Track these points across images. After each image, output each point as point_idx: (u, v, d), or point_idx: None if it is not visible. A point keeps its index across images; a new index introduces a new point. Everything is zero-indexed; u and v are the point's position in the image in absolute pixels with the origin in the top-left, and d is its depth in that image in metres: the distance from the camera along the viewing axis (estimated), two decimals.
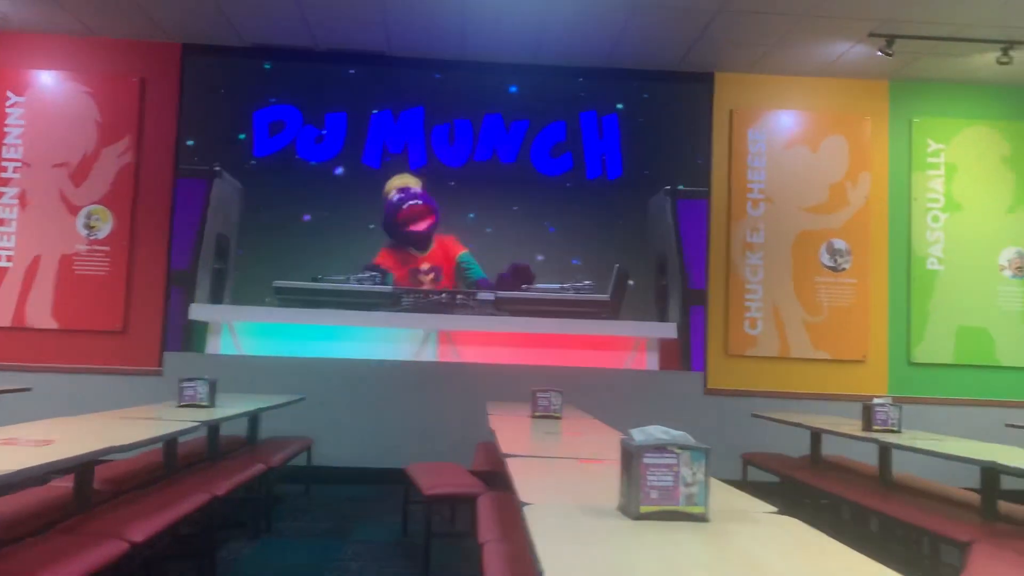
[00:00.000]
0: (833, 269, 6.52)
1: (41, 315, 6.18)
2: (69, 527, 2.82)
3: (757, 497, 1.99)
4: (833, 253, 6.53)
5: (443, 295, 6.39)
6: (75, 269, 6.23)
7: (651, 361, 6.44)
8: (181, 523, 3.23)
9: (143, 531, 2.83)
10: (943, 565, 3.94)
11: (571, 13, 5.57)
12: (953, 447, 3.57)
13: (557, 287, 6.45)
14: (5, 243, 6.22)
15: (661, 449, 1.68)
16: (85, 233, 6.27)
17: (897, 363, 6.48)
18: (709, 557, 1.46)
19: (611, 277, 6.46)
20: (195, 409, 4.15)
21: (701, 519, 1.69)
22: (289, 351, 6.30)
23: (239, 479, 4.03)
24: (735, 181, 6.58)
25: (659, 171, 6.56)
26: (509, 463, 2.48)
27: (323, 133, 6.46)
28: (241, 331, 6.32)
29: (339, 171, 6.45)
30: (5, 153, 6.26)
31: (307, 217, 6.40)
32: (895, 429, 4.23)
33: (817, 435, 5.24)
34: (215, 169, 6.38)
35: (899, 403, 4.35)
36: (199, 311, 6.30)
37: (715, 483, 1.85)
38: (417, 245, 6.43)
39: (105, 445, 2.68)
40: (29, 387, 5.54)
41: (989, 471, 3.52)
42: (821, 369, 6.46)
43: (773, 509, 1.87)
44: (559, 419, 4.26)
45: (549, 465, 2.54)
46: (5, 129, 6.28)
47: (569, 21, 5.71)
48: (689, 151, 6.60)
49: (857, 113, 6.64)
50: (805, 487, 4.71)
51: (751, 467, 5.51)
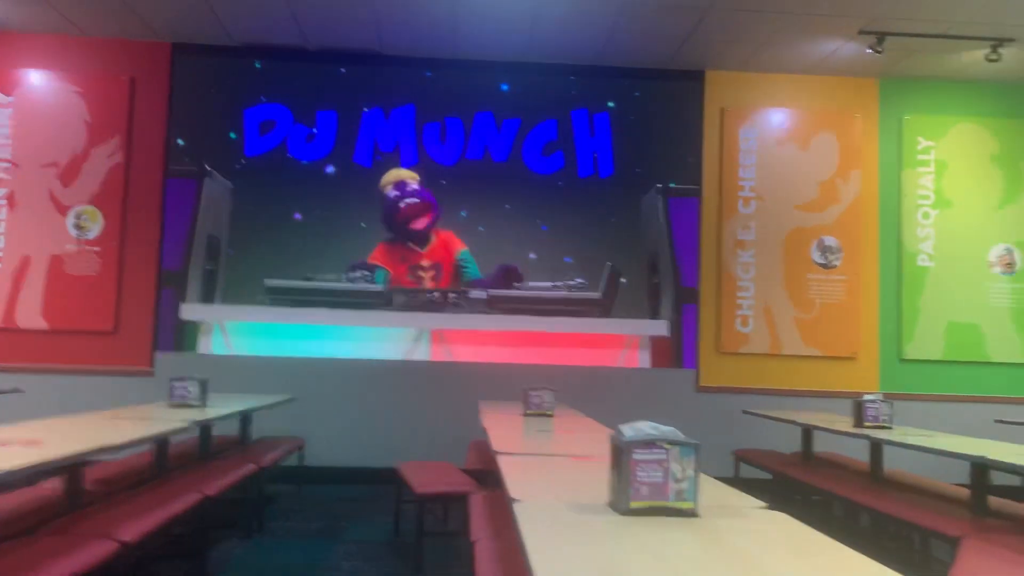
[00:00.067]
0: (824, 266, 6.54)
1: (31, 316, 6.15)
2: (59, 527, 2.81)
3: (749, 494, 2.00)
4: (824, 250, 6.55)
5: (435, 294, 6.38)
6: (65, 269, 6.20)
7: (643, 359, 6.45)
8: (172, 523, 3.22)
9: (134, 531, 2.82)
10: (934, 560, 3.97)
11: (562, 11, 5.57)
12: (943, 443, 3.59)
13: (549, 285, 6.45)
14: None
15: (650, 445, 1.68)
16: (75, 233, 6.24)
17: (888, 359, 6.50)
18: (699, 552, 1.46)
19: (603, 275, 6.47)
20: (186, 409, 4.14)
21: (691, 514, 1.69)
22: (280, 351, 6.29)
23: (231, 479, 4.03)
24: (726, 179, 6.59)
25: (651, 169, 6.57)
26: (500, 461, 2.48)
27: (314, 132, 6.44)
28: (232, 331, 6.30)
29: (330, 170, 6.43)
30: None
31: (298, 216, 6.39)
32: (886, 425, 4.26)
33: (808, 432, 5.26)
34: (206, 168, 6.36)
35: (890, 399, 4.38)
36: (190, 311, 6.28)
37: (705, 479, 1.86)
38: (417, 241, 6.42)
39: (95, 445, 2.67)
40: (20, 388, 5.51)
41: (979, 467, 3.54)
42: (812, 366, 6.48)
43: (763, 504, 1.87)
44: (551, 417, 4.26)
45: (540, 462, 2.54)
46: None
47: (560, 19, 5.71)
48: (680, 149, 6.61)
49: (847, 111, 6.66)
50: (797, 483, 4.73)
51: (743, 464, 5.53)
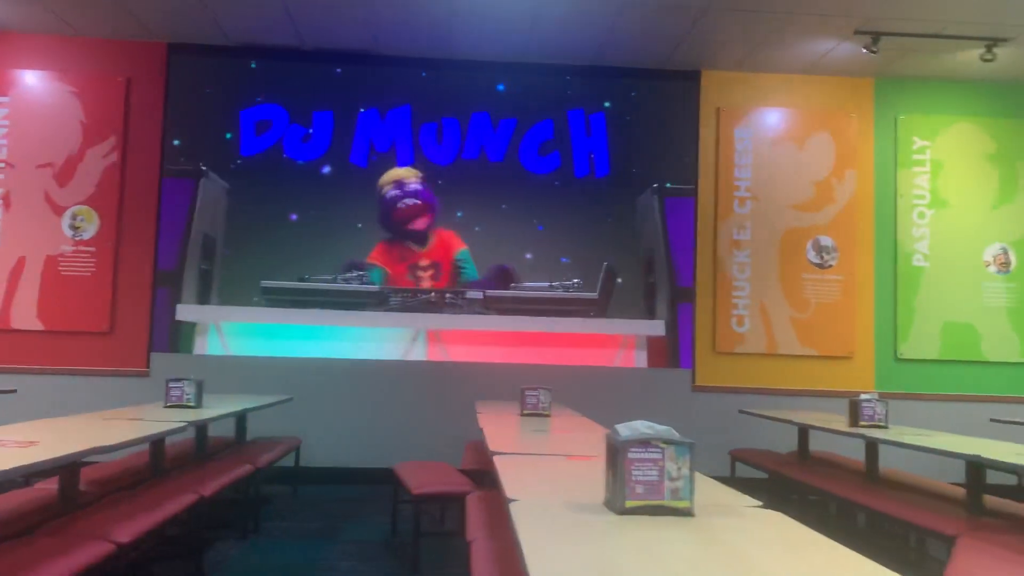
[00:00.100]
0: (819, 266, 6.55)
1: (26, 316, 6.13)
2: (54, 528, 2.80)
3: (745, 493, 2.00)
4: (819, 250, 6.56)
5: (432, 294, 6.38)
6: (60, 270, 6.19)
7: (639, 359, 6.45)
8: (168, 524, 3.22)
9: (129, 532, 2.82)
10: (929, 559, 3.98)
11: (558, 11, 5.57)
12: (939, 442, 3.60)
13: (546, 285, 6.45)
14: None
15: (646, 444, 1.69)
16: (70, 234, 6.23)
17: (883, 359, 6.51)
18: (694, 551, 1.46)
19: (599, 275, 6.47)
20: (182, 410, 4.13)
21: (686, 513, 1.69)
22: (277, 351, 6.28)
23: (227, 480, 4.02)
24: (722, 179, 6.60)
25: (647, 169, 6.57)
26: (497, 461, 2.48)
27: (310, 132, 6.43)
28: (228, 331, 6.29)
29: (326, 170, 6.43)
30: None
31: (294, 216, 6.38)
32: (882, 424, 4.27)
33: (804, 431, 5.26)
34: (201, 169, 6.35)
35: (886, 399, 4.39)
36: (186, 311, 6.27)
37: (700, 478, 1.86)
38: (416, 241, 6.41)
39: (90, 446, 2.66)
40: (14, 388, 5.50)
41: (975, 466, 3.54)
42: (808, 365, 6.48)
43: (758, 503, 1.87)
44: (548, 417, 4.26)
45: (537, 462, 2.54)
46: None
47: (556, 19, 5.71)
48: (676, 149, 6.61)
49: (843, 110, 6.67)
50: (793, 483, 4.73)
51: (739, 463, 5.53)
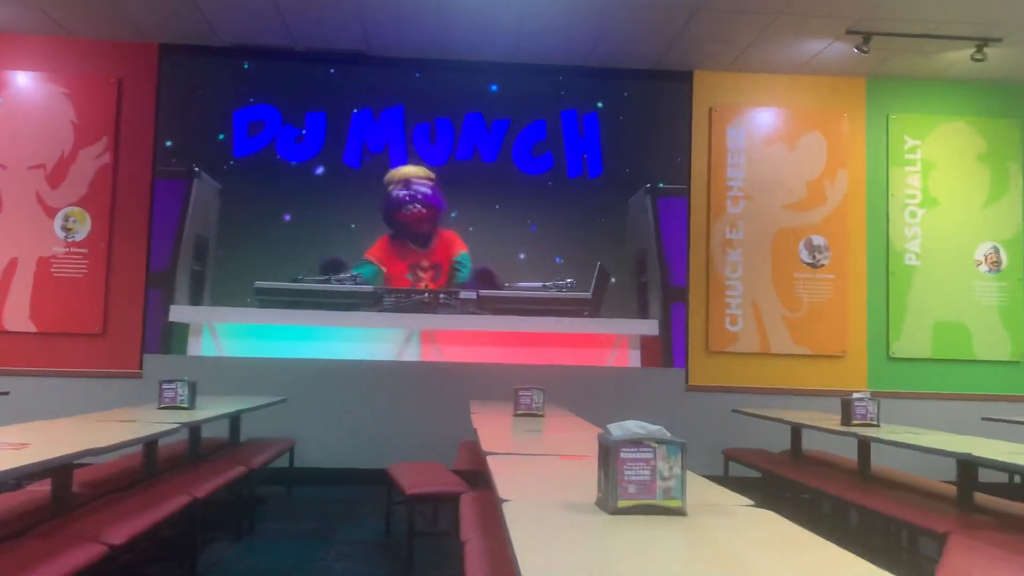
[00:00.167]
0: (812, 265, 6.57)
1: (18, 318, 6.11)
2: (46, 531, 2.79)
3: (738, 492, 2.01)
4: (812, 249, 6.58)
5: (426, 294, 6.38)
6: (53, 272, 6.17)
7: (633, 358, 6.46)
8: (162, 526, 3.21)
9: (122, 534, 2.81)
10: (921, 557, 3.99)
11: (551, 12, 5.58)
12: (930, 440, 3.61)
13: (539, 285, 6.45)
14: None
15: (638, 443, 1.69)
16: (63, 235, 6.20)
17: (876, 358, 6.54)
18: (686, 550, 1.47)
19: (593, 275, 6.48)
20: (175, 411, 4.13)
21: (678, 513, 1.70)
22: (270, 352, 6.27)
23: (220, 481, 4.01)
24: (714, 179, 6.62)
25: (639, 169, 6.58)
26: (490, 461, 2.49)
27: (303, 133, 6.43)
28: (222, 332, 6.28)
29: (319, 171, 6.42)
30: None
31: (287, 217, 6.37)
32: (874, 423, 4.29)
33: (797, 430, 5.29)
34: (194, 170, 6.34)
35: (878, 398, 4.40)
36: (179, 313, 6.25)
37: (692, 477, 1.87)
38: (419, 242, 6.41)
39: (83, 448, 2.65)
40: (6, 391, 5.48)
41: (966, 464, 3.57)
42: (801, 365, 6.51)
43: (750, 502, 1.88)
44: (541, 417, 4.27)
45: (530, 462, 2.55)
46: None
47: (549, 20, 5.72)
48: (669, 149, 6.63)
49: (834, 110, 6.70)
50: (786, 482, 4.75)
51: (732, 463, 5.54)
